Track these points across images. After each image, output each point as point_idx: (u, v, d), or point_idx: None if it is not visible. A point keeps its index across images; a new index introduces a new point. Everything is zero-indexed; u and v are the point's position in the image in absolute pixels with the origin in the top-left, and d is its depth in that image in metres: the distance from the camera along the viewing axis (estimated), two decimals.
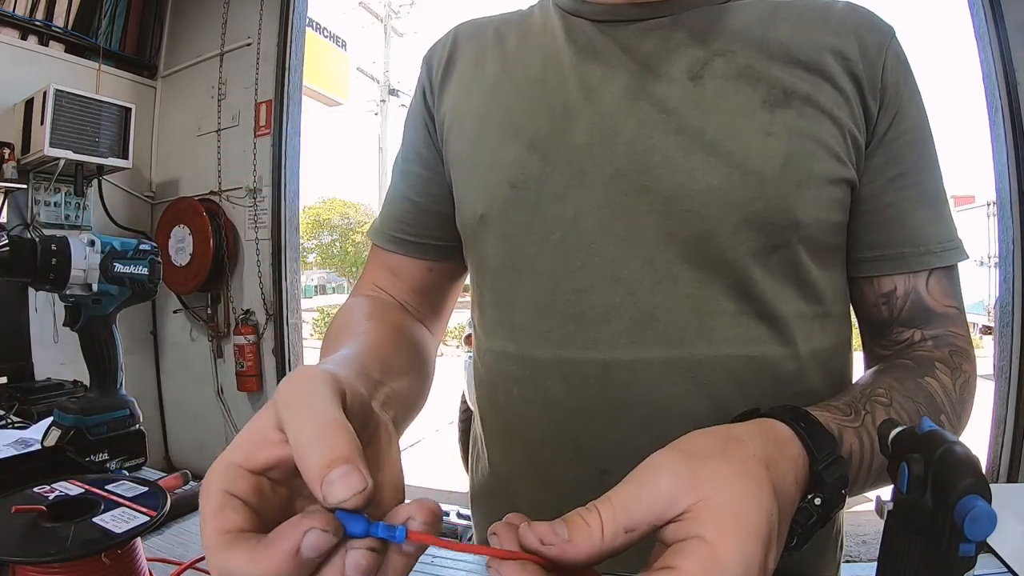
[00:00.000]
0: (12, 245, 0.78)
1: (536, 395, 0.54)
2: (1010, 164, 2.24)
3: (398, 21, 15.36)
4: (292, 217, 2.95)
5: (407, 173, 0.64)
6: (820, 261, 0.52)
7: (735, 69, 0.50)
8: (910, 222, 0.52)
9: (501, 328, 0.57)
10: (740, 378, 0.50)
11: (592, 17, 0.56)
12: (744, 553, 0.27)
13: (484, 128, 0.56)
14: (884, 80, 0.51)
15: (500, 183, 0.54)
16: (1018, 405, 2.25)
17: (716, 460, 0.30)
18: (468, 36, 0.63)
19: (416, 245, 0.64)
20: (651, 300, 0.50)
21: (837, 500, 0.35)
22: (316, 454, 0.25)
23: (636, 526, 0.28)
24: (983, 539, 0.30)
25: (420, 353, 0.56)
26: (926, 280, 0.53)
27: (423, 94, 0.63)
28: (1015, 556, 0.59)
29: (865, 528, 2.72)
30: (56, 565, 0.43)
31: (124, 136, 2.74)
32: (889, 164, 0.52)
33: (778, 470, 0.32)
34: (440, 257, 0.64)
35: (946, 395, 0.48)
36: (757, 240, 0.49)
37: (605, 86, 0.52)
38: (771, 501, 0.29)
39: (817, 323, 0.53)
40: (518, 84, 0.56)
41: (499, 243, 0.55)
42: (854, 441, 0.40)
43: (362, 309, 0.57)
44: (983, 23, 2.27)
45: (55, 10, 2.83)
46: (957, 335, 0.53)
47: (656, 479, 0.29)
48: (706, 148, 0.48)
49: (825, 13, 0.53)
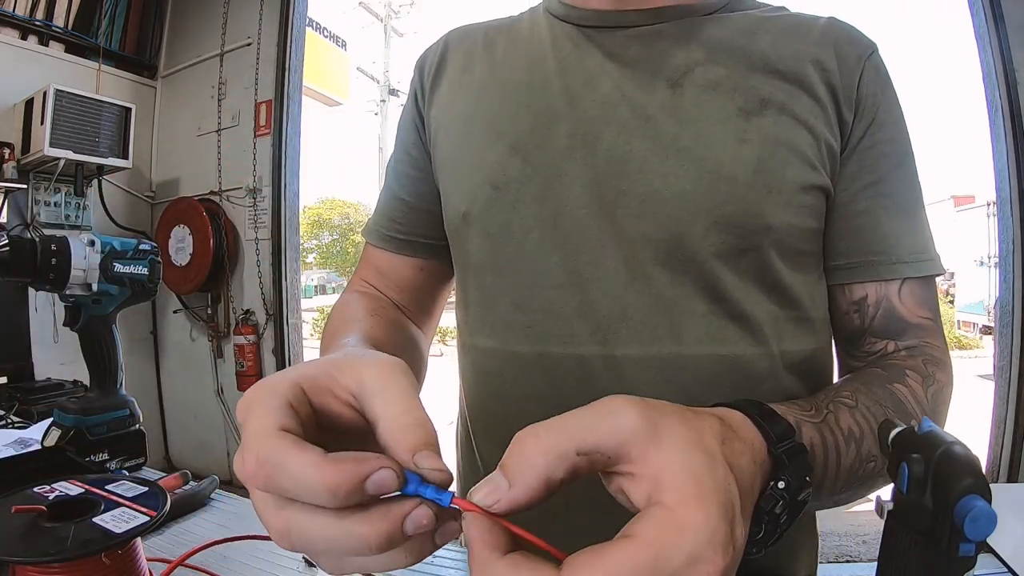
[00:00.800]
0: (12, 245, 0.78)
1: (519, 389, 0.55)
2: (1010, 164, 2.24)
3: (398, 21, 15.37)
4: (292, 217, 2.95)
5: (399, 174, 0.67)
6: (793, 265, 0.52)
7: (714, 78, 0.52)
8: (882, 230, 0.53)
9: (484, 325, 0.58)
10: (712, 376, 0.51)
11: (579, 23, 0.58)
12: (707, 520, 0.25)
13: (469, 130, 0.58)
14: (860, 90, 0.52)
15: (482, 184, 0.55)
16: (1018, 405, 2.26)
17: (676, 420, 0.29)
18: (458, 42, 0.65)
19: (406, 243, 0.66)
20: (624, 298, 0.51)
21: (801, 486, 0.34)
22: (412, 436, 0.27)
23: (591, 450, 0.26)
24: (983, 539, 0.30)
25: (417, 348, 0.58)
26: (898, 289, 0.53)
27: (414, 98, 0.66)
28: (1015, 556, 0.60)
29: (865, 528, 2.73)
30: (56, 565, 0.43)
31: (124, 136, 2.74)
32: (863, 172, 0.53)
33: (732, 447, 0.30)
34: (429, 255, 0.66)
35: (916, 401, 0.47)
36: (727, 243, 0.50)
37: (587, 91, 0.54)
38: (726, 472, 0.28)
39: (791, 326, 0.53)
40: (504, 87, 0.58)
41: (481, 241, 0.57)
42: (814, 435, 0.40)
43: (361, 304, 0.59)
44: (983, 23, 2.27)
45: (55, 10, 2.83)
46: (932, 346, 0.53)
47: (618, 410, 0.28)
48: (681, 153, 0.50)
49: (808, 26, 0.54)
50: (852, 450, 0.42)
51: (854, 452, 0.42)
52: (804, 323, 0.54)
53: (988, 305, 7.03)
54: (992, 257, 6.60)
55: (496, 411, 0.59)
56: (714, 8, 0.56)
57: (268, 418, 0.27)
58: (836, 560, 2.56)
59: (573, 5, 0.58)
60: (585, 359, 0.52)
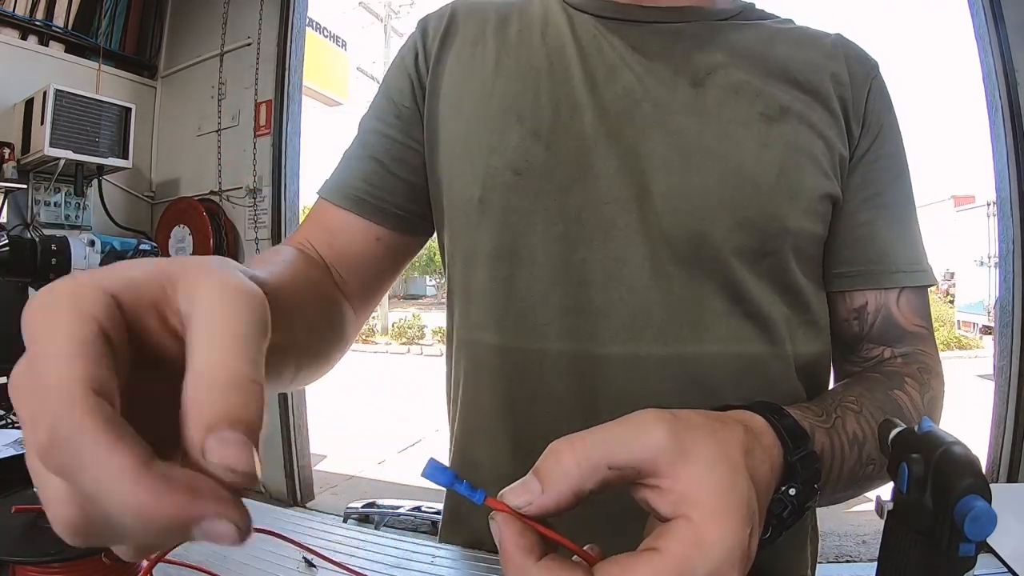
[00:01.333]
0: (12, 245, 0.78)
1: (528, 389, 0.54)
2: (1010, 164, 2.24)
3: (398, 21, 15.38)
4: (292, 217, 2.95)
5: (379, 134, 0.60)
6: (806, 270, 0.54)
7: (735, 82, 0.52)
8: (882, 240, 0.55)
9: (490, 319, 0.55)
10: (731, 374, 0.51)
11: (597, 13, 0.57)
12: (729, 537, 0.27)
13: (483, 111, 0.55)
14: (868, 107, 0.55)
15: (502, 168, 0.53)
16: (1018, 405, 2.25)
17: (704, 433, 0.30)
18: (467, 15, 0.61)
19: (375, 207, 0.59)
20: (648, 297, 0.51)
21: (810, 493, 0.36)
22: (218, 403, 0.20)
23: (622, 465, 0.27)
24: (983, 539, 0.30)
25: (336, 328, 0.51)
26: (896, 298, 0.55)
27: (414, 58, 0.60)
28: (1015, 556, 0.60)
29: (865, 528, 2.73)
30: (56, 565, 0.43)
31: (124, 136, 2.73)
32: (866, 184, 0.55)
33: (754, 458, 0.32)
34: (395, 227, 0.60)
35: (914, 407, 0.49)
36: (748, 244, 0.51)
37: (609, 82, 0.53)
38: (748, 486, 0.29)
39: (802, 329, 0.55)
40: (522, 71, 0.56)
41: (498, 229, 0.54)
42: (825, 440, 0.41)
43: (284, 255, 0.49)
44: (983, 23, 2.27)
45: (55, 10, 2.83)
46: (927, 354, 0.55)
47: (649, 427, 0.28)
48: (704, 153, 0.50)
49: (820, 40, 0.57)
50: (855, 454, 0.43)
51: (856, 455, 0.43)
52: (813, 326, 0.56)
53: (988, 305, 7.03)
54: (992, 257, 6.60)
55: (499, 411, 0.56)
56: (729, 15, 0.57)
57: (75, 363, 0.19)
58: (836, 560, 2.56)
59: None
60: (604, 358, 0.51)
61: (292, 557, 0.62)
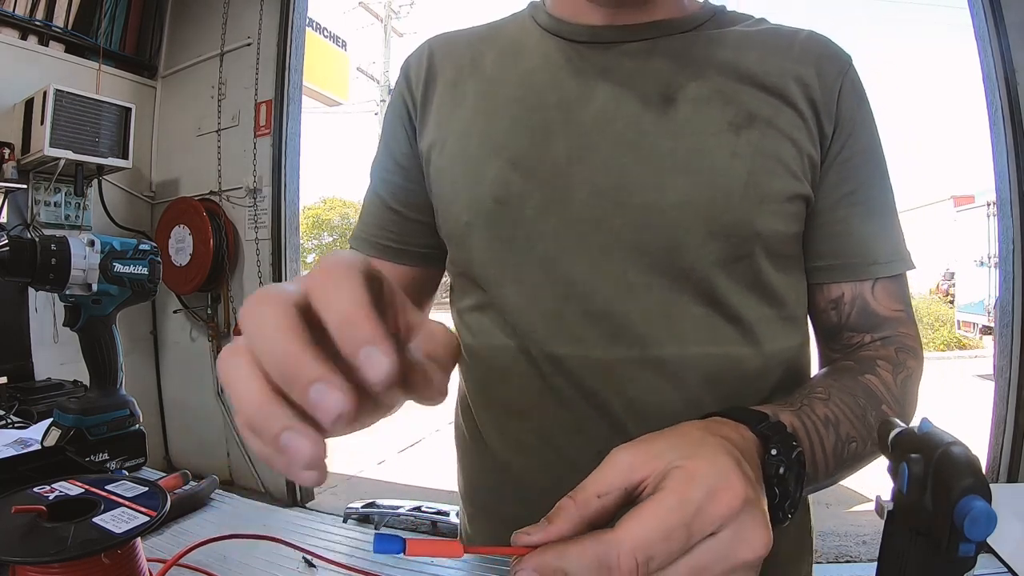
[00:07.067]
0: (12, 245, 0.78)
1: (517, 388, 0.58)
2: (1010, 164, 2.24)
3: (398, 21, 15.36)
4: (292, 217, 2.95)
5: (387, 183, 0.67)
6: (780, 268, 0.56)
7: (706, 92, 0.54)
8: (858, 235, 0.57)
9: (480, 328, 0.60)
10: (708, 374, 0.54)
11: (571, 38, 0.59)
12: (714, 463, 0.31)
13: (466, 146, 0.59)
14: (840, 104, 0.56)
15: (484, 197, 0.57)
16: (1018, 405, 2.26)
17: (663, 435, 0.35)
18: (444, 53, 0.64)
19: (398, 251, 0.67)
20: (626, 307, 0.54)
21: (791, 449, 0.38)
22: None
23: (608, 490, 0.32)
24: (983, 539, 0.30)
25: None
26: (872, 287, 0.58)
27: (404, 105, 0.65)
28: (1015, 556, 0.60)
29: (865, 528, 2.73)
30: (56, 565, 0.43)
31: (124, 136, 2.74)
32: (842, 182, 0.57)
33: (719, 429, 0.36)
34: (421, 263, 0.67)
35: (886, 388, 0.52)
36: (723, 251, 0.53)
37: (582, 106, 0.55)
38: (718, 439, 0.34)
39: (779, 324, 0.57)
40: (497, 103, 0.59)
41: (484, 252, 0.58)
42: (793, 420, 0.44)
43: None
44: (983, 23, 2.27)
45: (55, 10, 2.83)
46: (905, 335, 0.58)
47: (615, 454, 0.33)
48: (676, 167, 0.52)
49: (790, 41, 0.58)
50: (832, 433, 0.46)
51: (833, 435, 0.46)
52: (790, 321, 0.58)
53: (988, 305, 7.03)
54: (992, 257, 6.59)
55: (495, 411, 0.61)
56: (701, 21, 0.59)
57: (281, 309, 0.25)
58: (836, 560, 2.56)
59: (563, 19, 0.59)
60: (588, 360, 0.54)
61: (292, 557, 0.62)
